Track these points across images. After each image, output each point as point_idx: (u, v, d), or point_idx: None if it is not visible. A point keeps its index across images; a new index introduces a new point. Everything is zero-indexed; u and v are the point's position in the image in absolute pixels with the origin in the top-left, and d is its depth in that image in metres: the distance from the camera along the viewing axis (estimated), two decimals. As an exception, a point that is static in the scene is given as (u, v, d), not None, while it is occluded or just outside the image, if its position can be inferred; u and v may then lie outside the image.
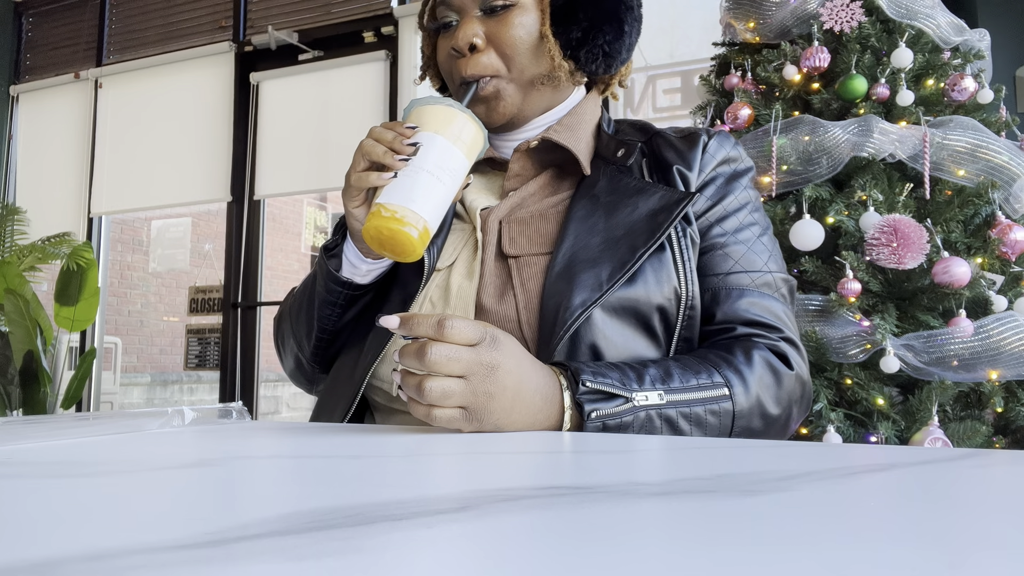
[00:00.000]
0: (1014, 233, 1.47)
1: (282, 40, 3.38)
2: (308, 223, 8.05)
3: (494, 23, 0.75)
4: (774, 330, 0.71)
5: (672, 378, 0.63)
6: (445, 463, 0.39)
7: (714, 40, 1.99)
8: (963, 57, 1.69)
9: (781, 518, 0.24)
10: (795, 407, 0.70)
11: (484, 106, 0.77)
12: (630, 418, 0.59)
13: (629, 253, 0.68)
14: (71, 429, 0.52)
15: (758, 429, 0.66)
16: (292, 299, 0.84)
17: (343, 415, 0.71)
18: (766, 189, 1.61)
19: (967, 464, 0.36)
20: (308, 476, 0.34)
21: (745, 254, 0.74)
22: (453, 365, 0.52)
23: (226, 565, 0.18)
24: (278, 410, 6.79)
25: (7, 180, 3.95)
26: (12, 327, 2.98)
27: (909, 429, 1.41)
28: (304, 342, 0.81)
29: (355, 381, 0.72)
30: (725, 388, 0.64)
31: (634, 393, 0.60)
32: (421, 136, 0.65)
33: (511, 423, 0.55)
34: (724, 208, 0.75)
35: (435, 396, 0.51)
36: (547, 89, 0.79)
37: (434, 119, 0.66)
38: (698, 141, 0.78)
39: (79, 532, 0.23)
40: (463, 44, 0.75)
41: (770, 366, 0.68)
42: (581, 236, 0.71)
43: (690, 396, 0.62)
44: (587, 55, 0.77)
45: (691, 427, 0.62)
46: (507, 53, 0.75)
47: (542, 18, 0.76)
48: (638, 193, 0.73)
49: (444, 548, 0.20)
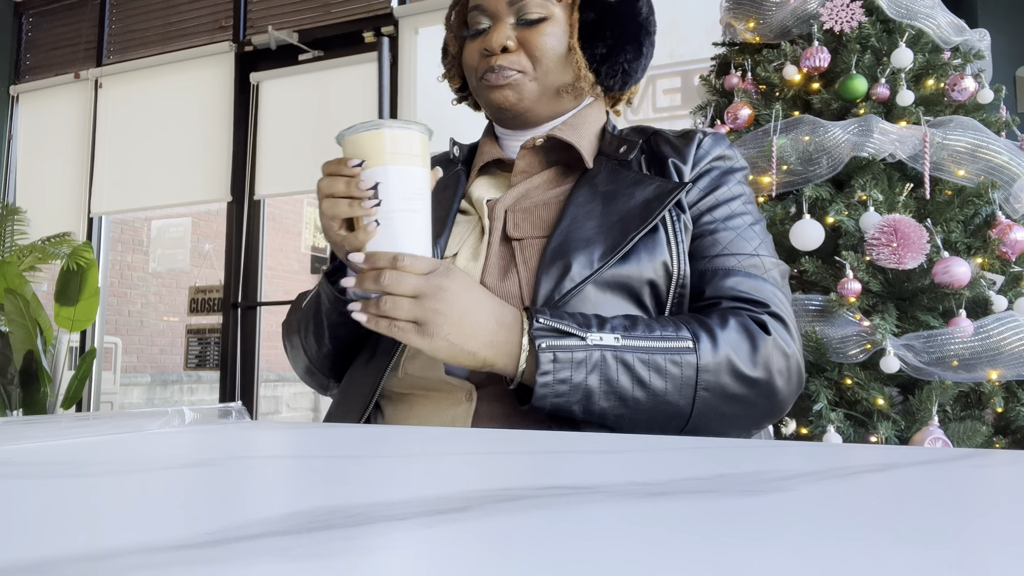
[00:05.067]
0: (1014, 233, 1.47)
1: (282, 40, 3.38)
2: (308, 223, 8.05)
3: (527, 31, 0.80)
4: (760, 305, 0.72)
5: (636, 327, 0.66)
6: (445, 463, 0.39)
7: (714, 40, 1.99)
8: (963, 57, 1.69)
9: (781, 518, 0.24)
10: (777, 376, 0.69)
11: (500, 91, 0.81)
12: (582, 355, 0.63)
13: (621, 236, 0.72)
14: (71, 429, 0.52)
15: (735, 390, 0.67)
16: (299, 315, 0.84)
17: (361, 410, 0.74)
18: (766, 189, 1.61)
19: (967, 464, 0.36)
20: (308, 476, 0.34)
21: (734, 239, 0.76)
22: (404, 287, 0.61)
23: (226, 565, 0.18)
24: (278, 410, 6.79)
25: (7, 180, 3.95)
26: (12, 327, 2.98)
27: (909, 429, 1.41)
28: (317, 357, 0.83)
29: (373, 377, 0.75)
30: (690, 341, 0.66)
31: (588, 333, 0.64)
32: (372, 174, 0.64)
33: (463, 340, 0.62)
34: (716, 198, 0.78)
35: (387, 308, 0.61)
36: (568, 98, 0.84)
37: (372, 148, 0.64)
38: (694, 138, 0.81)
39: (79, 532, 0.23)
40: (496, 46, 0.80)
41: (745, 328, 0.68)
42: (578, 219, 0.74)
43: (650, 344, 0.65)
44: (608, 70, 0.83)
45: (650, 373, 0.64)
46: (536, 56, 0.80)
47: (571, 32, 0.81)
48: (635, 184, 0.77)
49: (444, 548, 0.20)
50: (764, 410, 0.70)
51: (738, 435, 0.71)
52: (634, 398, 0.64)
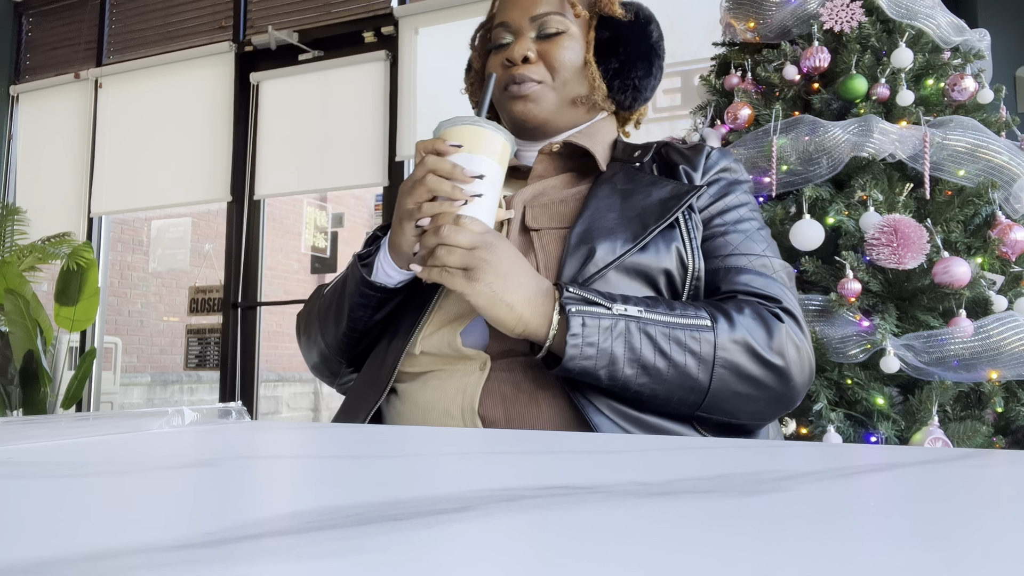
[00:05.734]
0: (1014, 233, 1.47)
1: (282, 40, 3.38)
2: (308, 223, 8.04)
3: (546, 44, 0.88)
4: (773, 300, 0.76)
5: (658, 305, 0.71)
6: (445, 463, 0.39)
7: (714, 40, 1.99)
8: (963, 57, 1.68)
9: (781, 518, 0.24)
10: (792, 365, 0.72)
11: (522, 102, 0.87)
12: (608, 322, 0.67)
13: (641, 228, 0.77)
14: (71, 429, 0.52)
15: (750, 371, 0.70)
16: (321, 300, 0.90)
17: (378, 394, 0.78)
18: (766, 189, 1.61)
19: (967, 464, 0.36)
20: (308, 476, 0.34)
21: (743, 241, 0.80)
22: (460, 238, 0.68)
23: (226, 565, 0.18)
24: (278, 410, 6.79)
25: (7, 180, 3.95)
26: (12, 327, 2.98)
27: (909, 429, 1.41)
28: (333, 340, 0.88)
29: (391, 360, 0.80)
30: (708, 320, 0.70)
31: (614, 304, 0.69)
32: (465, 158, 0.73)
33: (505, 291, 0.68)
34: (725, 204, 0.83)
35: (441, 254, 0.68)
36: (582, 109, 0.90)
37: (469, 139, 0.74)
38: (703, 150, 0.87)
39: (79, 532, 0.23)
40: (518, 56, 0.86)
41: (760, 316, 0.72)
42: (600, 211, 0.79)
43: (671, 319, 0.70)
44: (620, 85, 0.90)
45: (671, 346, 0.68)
46: (554, 67, 0.87)
47: (587, 47, 0.88)
48: (651, 184, 0.82)
49: (444, 548, 0.20)
50: (777, 395, 0.72)
51: (750, 420, 0.74)
52: (656, 368, 0.68)
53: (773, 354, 0.71)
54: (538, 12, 0.87)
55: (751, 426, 0.76)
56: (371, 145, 3.22)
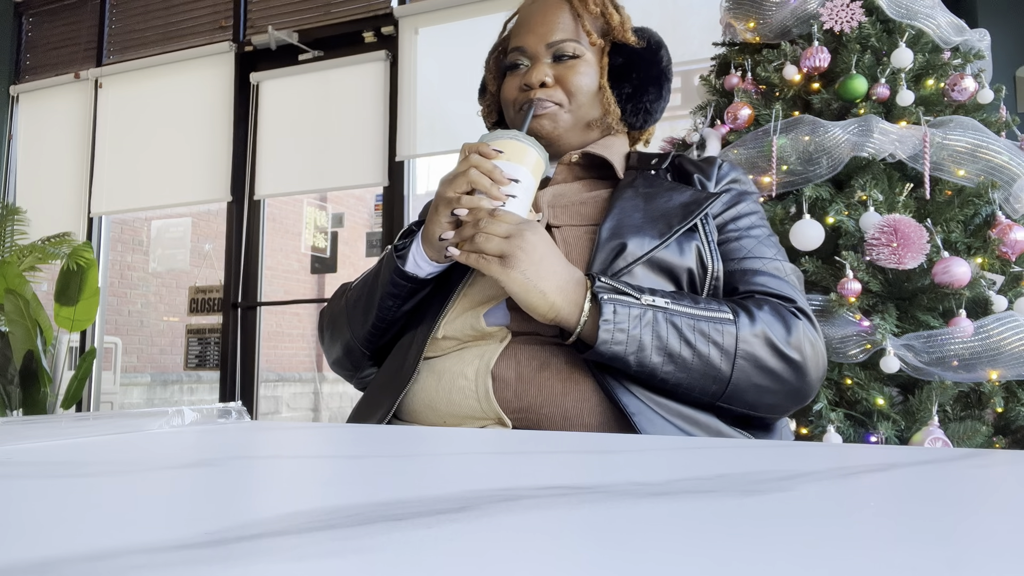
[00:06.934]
0: (1014, 233, 1.47)
1: (282, 40, 3.38)
2: (308, 223, 8.04)
3: (562, 68, 0.91)
4: (788, 300, 0.80)
5: (683, 299, 0.74)
6: (445, 463, 0.39)
7: (714, 40, 1.99)
8: (963, 57, 1.68)
9: (781, 518, 0.24)
10: (808, 361, 0.75)
11: (538, 121, 0.90)
12: (638, 311, 0.71)
13: (667, 227, 0.81)
14: (71, 429, 0.52)
15: (770, 364, 0.73)
16: (350, 292, 0.93)
17: (404, 382, 0.80)
18: (766, 189, 1.61)
19: (967, 464, 0.36)
20: (308, 476, 0.34)
21: (756, 246, 0.85)
22: (497, 228, 0.72)
23: (226, 565, 0.18)
24: (278, 410, 6.79)
25: (7, 180, 3.95)
26: (12, 327, 2.98)
27: (909, 429, 1.41)
28: (360, 330, 0.90)
29: (416, 349, 0.82)
30: (730, 314, 0.73)
31: (642, 295, 0.72)
32: (504, 164, 0.79)
33: (538, 279, 0.71)
34: (737, 211, 0.87)
35: (479, 241, 0.72)
36: (597, 131, 0.93)
37: (510, 149, 0.79)
38: (715, 162, 0.91)
39: (79, 532, 0.23)
40: (535, 81, 0.89)
41: (779, 313, 0.76)
42: (626, 211, 0.83)
43: (695, 311, 0.73)
44: (633, 108, 0.94)
45: (695, 336, 0.72)
46: (571, 91, 0.90)
47: (601, 73, 0.92)
48: (671, 190, 0.86)
49: (444, 548, 0.20)
50: (794, 388, 0.75)
51: (767, 413, 0.77)
52: (681, 356, 0.71)
53: (791, 349, 0.74)
54: (554, 39, 0.90)
55: (768, 420, 0.79)
56: (371, 145, 3.22)
